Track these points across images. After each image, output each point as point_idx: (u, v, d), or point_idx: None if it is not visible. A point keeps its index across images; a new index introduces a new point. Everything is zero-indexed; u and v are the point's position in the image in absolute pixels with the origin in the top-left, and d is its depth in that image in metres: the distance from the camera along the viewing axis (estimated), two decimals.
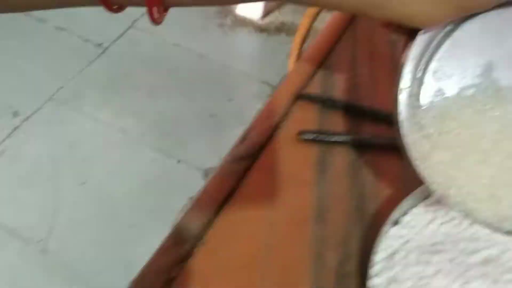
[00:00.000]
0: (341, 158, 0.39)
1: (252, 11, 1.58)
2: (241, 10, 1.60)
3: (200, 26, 1.56)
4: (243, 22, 1.58)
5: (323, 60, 0.45)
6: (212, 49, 1.50)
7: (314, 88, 0.44)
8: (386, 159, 0.39)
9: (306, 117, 0.42)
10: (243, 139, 0.40)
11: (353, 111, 0.42)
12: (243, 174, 0.38)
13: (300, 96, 0.43)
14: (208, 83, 1.44)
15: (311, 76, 0.44)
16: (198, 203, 0.36)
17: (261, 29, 1.56)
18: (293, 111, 0.42)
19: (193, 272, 0.33)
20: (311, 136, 0.40)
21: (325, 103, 0.42)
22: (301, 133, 0.40)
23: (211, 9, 1.62)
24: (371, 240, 0.33)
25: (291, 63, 0.58)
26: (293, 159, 0.39)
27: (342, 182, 0.38)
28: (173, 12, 0.26)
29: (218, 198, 0.36)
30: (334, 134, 0.40)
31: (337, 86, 0.44)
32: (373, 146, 0.40)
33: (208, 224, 0.35)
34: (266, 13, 1.57)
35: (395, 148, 0.40)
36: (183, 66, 1.47)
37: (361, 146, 0.40)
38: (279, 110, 0.42)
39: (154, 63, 1.46)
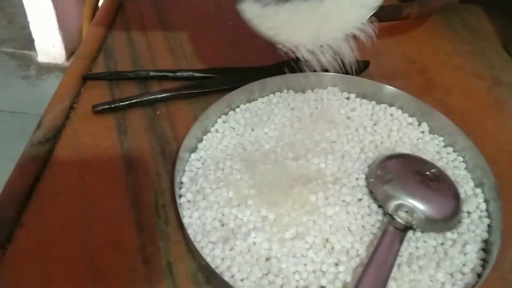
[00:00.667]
0: (137, 117, 0.43)
1: (55, 56, 1.55)
2: (43, 57, 1.56)
3: (3, 84, 1.48)
4: (49, 69, 1.55)
5: (102, 44, 0.49)
6: (23, 104, 1.43)
7: (99, 69, 0.47)
8: (176, 107, 0.44)
9: (98, 94, 0.45)
10: (38, 126, 0.41)
11: (139, 77, 0.46)
12: (48, 156, 0.39)
13: (88, 77, 0.46)
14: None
15: (93, 60, 0.47)
16: (7, 189, 0.37)
17: None
18: (84, 91, 0.45)
19: (16, 255, 0.34)
20: (105, 107, 0.43)
21: (112, 76, 0.46)
22: (94, 106, 0.43)
23: (12, 64, 1.55)
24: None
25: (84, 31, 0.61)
26: (93, 131, 0.42)
27: (142, 136, 0.42)
28: None
29: (27, 180, 0.37)
30: (126, 99, 0.43)
31: (120, 62, 0.48)
32: (162, 100, 0.44)
33: (22, 207, 0.36)
34: (70, 54, 1.56)
35: (181, 97, 0.45)
36: None
37: (152, 103, 0.44)
38: (70, 93, 0.44)
39: None
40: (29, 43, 1.55)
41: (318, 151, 0.39)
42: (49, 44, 1.53)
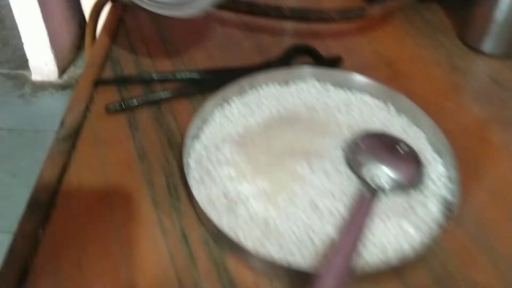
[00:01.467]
0: (145, 114, 0.50)
1: (48, 74, 1.61)
2: (37, 75, 1.62)
3: (0, 103, 1.54)
4: (43, 86, 1.60)
5: (108, 53, 0.56)
6: (20, 121, 1.49)
7: (107, 75, 0.54)
8: (178, 104, 0.51)
9: (109, 96, 0.51)
10: (61, 124, 0.48)
11: (143, 80, 0.53)
12: (72, 150, 0.46)
13: (99, 82, 0.52)
14: (28, 154, 1.42)
15: (101, 67, 0.54)
16: (41, 179, 0.43)
17: (62, 86, 1.60)
18: (97, 95, 0.51)
19: (54, 234, 0.39)
20: (116, 106, 0.49)
21: (119, 80, 0.52)
22: (107, 107, 0.49)
23: (7, 84, 1.61)
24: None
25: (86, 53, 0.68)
26: (108, 128, 0.48)
27: (151, 129, 0.48)
28: None
29: (56, 171, 0.44)
30: (134, 99, 0.50)
31: (125, 68, 0.55)
32: (165, 98, 0.51)
33: (55, 192, 0.42)
34: (62, 71, 1.62)
35: (182, 95, 0.52)
36: None
37: (157, 102, 0.51)
38: (85, 97, 0.51)
39: None
40: (23, 63, 1.61)
41: (302, 130, 0.46)
42: (42, 62, 1.59)
